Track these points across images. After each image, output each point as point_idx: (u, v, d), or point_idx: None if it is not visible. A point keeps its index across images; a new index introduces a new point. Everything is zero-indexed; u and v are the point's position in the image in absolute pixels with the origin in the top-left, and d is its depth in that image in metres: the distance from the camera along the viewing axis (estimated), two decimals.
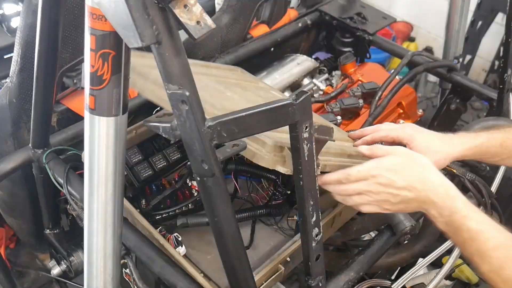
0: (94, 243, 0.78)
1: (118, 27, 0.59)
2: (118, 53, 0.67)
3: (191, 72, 0.62)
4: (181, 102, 0.60)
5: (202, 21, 0.61)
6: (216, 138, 0.62)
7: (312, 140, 0.70)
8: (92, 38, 0.65)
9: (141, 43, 0.58)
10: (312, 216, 0.75)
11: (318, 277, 0.81)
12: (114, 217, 0.77)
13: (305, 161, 0.70)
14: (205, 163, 0.63)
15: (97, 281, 0.80)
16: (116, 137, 0.72)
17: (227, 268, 0.76)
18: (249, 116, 0.64)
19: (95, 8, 0.62)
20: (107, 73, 0.67)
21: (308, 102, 0.67)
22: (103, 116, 0.69)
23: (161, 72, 0.61)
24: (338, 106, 1.35)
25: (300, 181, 0.72)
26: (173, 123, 0.66)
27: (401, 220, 0.94)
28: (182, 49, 0.61)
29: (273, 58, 1.61)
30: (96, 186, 0.74)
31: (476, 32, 2.52)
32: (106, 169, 0.73)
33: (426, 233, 1.12)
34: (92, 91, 0.68)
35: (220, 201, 0.68)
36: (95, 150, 0.72)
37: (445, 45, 1.70)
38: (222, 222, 0.70)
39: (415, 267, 1.02)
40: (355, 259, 0.95)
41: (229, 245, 0.72)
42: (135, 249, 0.97)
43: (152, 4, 0.58)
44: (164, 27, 0.59)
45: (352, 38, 1.67)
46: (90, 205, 0.76)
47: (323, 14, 1.69)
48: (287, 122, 0.67)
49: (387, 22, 1.69)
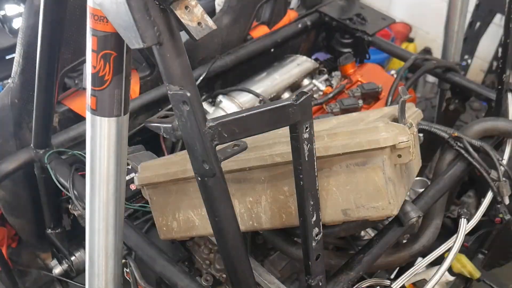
0: (96, 242, 0.78)
1: (119, 28, 0.60)
2: (120, 54, 0.67)
3: (192, 73, 0.63)
4: (182, 102, 0.61)
5: (203, 22, 0.61)
6: (217, 138, 0.63)
7: (313, 140, 0.70)
8: (94, 39, 0.65)
9: (143, 44, 0.58)
10: (312, 216, 0.75)
11: (318, 277, 0.82)
12: (116, 216, 0.77)
13: (305, 161, 0.70)
14: (206, 163, 0.64)
15: (98, 280, 0.81)
16: (117, 137, 0.72)
17: (228, 267, 0.77)
18: (249, 116, 0.64)
19: (96, 9, 0.62)
20: (109, 73, 0.68)
21: (309, 102, 0.67)
22: (105, 117, 0.70)
23: (162, 73, 0.62)
24: (337, 107, 1.36)
25: (300, 181, 0.72)
26: (174, 124, 0.66)
27: (408, 211, 0.94)
28: (183, 50, 0.62)
29: (273, 59, 1.61)
30: (97, 186, 0.75)
31: (475, 33, 2.52)
32: (107, 169, 0.74)
33: (425, 233, 1.12)
34: (94, 92, 0.69)
35: (221, 201, 0.68)
36: (97, 150, 0.72)
37: (444, 46, 1.70)
38: (223, 222, 0.70)
39: (414, 266, 1.02)
40: (355, 258, 0.95)
41: (229, 245, 0.73)
42: (136, 248, 0.97)
43: (154, 5, 0.58)
44: (166, 28, 0.59)
45: (352, 39, 1.68)
46: (91, 205, 0.76)
47: (323, 15, 1.69)
48: (287, 122, 0.67)
49: (386, 23, 1.69)
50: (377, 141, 0.79)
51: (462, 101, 1.55)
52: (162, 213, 0.99)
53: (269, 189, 0.88)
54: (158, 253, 0.96)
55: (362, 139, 0.80)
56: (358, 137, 0.81)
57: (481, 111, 1.79)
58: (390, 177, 0.82)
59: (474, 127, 1.26)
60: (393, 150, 0.82)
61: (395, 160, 0.83)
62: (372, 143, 0.79)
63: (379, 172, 0.81)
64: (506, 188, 1.16)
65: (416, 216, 0.94)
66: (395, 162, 0.83)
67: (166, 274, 0.94)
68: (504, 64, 1.29)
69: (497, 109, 1.37)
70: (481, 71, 2.89)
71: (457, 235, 1.04)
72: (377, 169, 0.81)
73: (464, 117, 1.73)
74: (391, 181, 0.82)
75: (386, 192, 0.81)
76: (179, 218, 0.97)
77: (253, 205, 0.90)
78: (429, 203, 1.09)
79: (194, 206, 0.94)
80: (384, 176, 0.81)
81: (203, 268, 1.18)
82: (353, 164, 0.82)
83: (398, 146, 0.81)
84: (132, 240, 0.98)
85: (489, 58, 2.80)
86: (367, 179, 0.82)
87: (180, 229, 0.97)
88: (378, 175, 0.81)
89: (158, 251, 0.97)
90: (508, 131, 1.26)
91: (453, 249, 1.02)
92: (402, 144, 0.81)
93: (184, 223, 0.97)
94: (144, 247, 0.96)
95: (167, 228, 0.99)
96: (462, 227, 1.05)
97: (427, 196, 1.09)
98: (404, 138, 0.81)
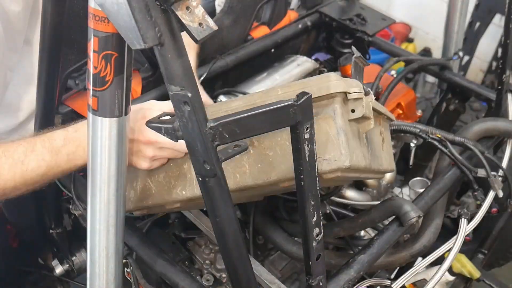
0: (97, 242, 0.78)
1: (120, 29, 0.60)
2: (121, 54, 0.67)
3: (193, 74, 0.63)
4: (183, 103, 0.61)
5: (204, 23, 0.61)
6: (218, 139, 0.63)
7: (313, 140, 0.71)
8: (95, 40, 0.66)
9: (144, 44, 0.58)
10: (313, 216, 0.75)
11: (318, 277, 0.82)
12: (117, 217, 0.77)
13: (306, 161, 0.70)
14: (207, 164, 0.64)
15: (99, 280, 0.81)
16: (118, 137, 0.72)
17: (228, 267, 0.77)
18: (250, 117, 0.65)
19: (97, 10, 0.63)
20: (110, 74, 0.68)
21: (309, 103, 0.67)
22: (106, 117, 0.70)
23: (163, 74, 0.62)
24: None
25: (301, 181, 0.72)
26: (175, 124, 0.66)
27: (408, 211, 0.94)
28: (184, 51, 0.62)
29: (273, 59, 1.61)
30: (98, 186, 0.75)
31: (474, 33, 2.53)
32: (108, 169, 0.74)
33: (426, 233, 1.12)
34: (95, 92, 0.69)
35: (221, 201, 0.68)
36: (98, 151, 0.73)
37: (444, 45, 1.71)
38: (224, 222, 0.70)
39: (415, 266, 1.02)
40: (355, 258, 0.95)
41: (230, 246, 0.73)
42: (137, 248, 0.98)
43: (155, 6, 0.58)
44: (167, 28, 0.59)
45: (352, 39, 1.68)
46: (92, 205, 0.76)
47: (323, 15, 1.70)
48: (288, 123, 0.67)
49: (386, 24, 1.70)
50: (328, 87, 0.78)
51: (462, 101, 1.55)
52: None
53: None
54: (158, 253, 0.96)
55: (314, 86, 0.79)
56: (309, 86, 0.79)
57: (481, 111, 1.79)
58: (342, 127, 0.79)
59: (474, 127, 1.26)
60: (345, 102, 0.81)
61: (348, 114, 0.81)
62: (323, 90, 0.78)
63: (331, 121, 0.79)
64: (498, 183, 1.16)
65: (416, 216, 0.95)
66: (348, 117, 0.81)
67: (166, 274, 0.94)
68: (504, 64, 1.29)
69: (497, 110, 1.37)
70: (481, 71, 2.90)
71: (457, 236, 1.05)
72: (328, 118, 0.79)
73: (464, 118, 1.73)
74: (343, 131, 0.79)
75: (338, 141, 0.79)
76: (136, 187, 0.95)
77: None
78: (429, 203, 1.09)
79: (151, 173, 0.93)
80: (335, 125, 0.79)
81: (203, 268, 1.18)
82: None
83: (350, 96, 0.80)
84: (133, 240, 0.98)
85: (489, 58, 2.80)
86: (319, 130, 0.79)
87: (137, 198, 0.95)
88: (330, 125, 0.79)
89: (159, 251, 0.97)
90: (508, 131, 1.27)
91: (453, 249, 1.03)
92: (354, 95, 0.80)
93: (141, 191, 0.94)
94: (145, 247, 0.96)
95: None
96: (462, 227, 1.06)
97: (427, 196, 1.10)
98: (356, 89, 0.80)
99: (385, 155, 1.01)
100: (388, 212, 0.99)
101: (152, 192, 0.93)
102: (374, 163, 0.92)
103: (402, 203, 0.96)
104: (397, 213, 0.98)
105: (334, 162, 0.80)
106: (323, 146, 0.80)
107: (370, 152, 0.91)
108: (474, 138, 1.25)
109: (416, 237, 1.12)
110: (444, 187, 1.13)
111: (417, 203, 1.07)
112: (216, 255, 1.18)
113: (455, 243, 1.03)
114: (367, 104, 0.82)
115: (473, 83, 1.48)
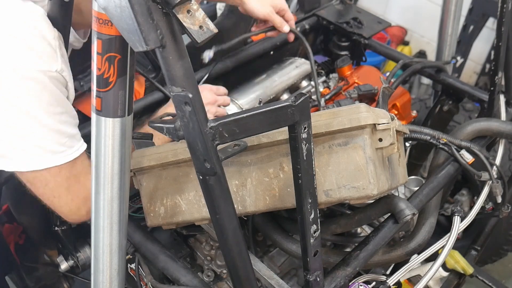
0: (101, 239, 0.80)
1: (123, 32, 0.61)
2: (124, 56, 0.69)
3: (194, 75, 0.65)
4: (184, 103, 0.62)
5: (204, 25, 0.63)
6: (218, 138, 0.64)
7: (311, 140, 0.72)
8: (99, 42, 0.67)
9: (146, 47, 0.60)
10: (310, 213, 0.77)
11: (316, 272, 0.83)
12: (120, 214, 0.79)
13: (304, 160, 0.72)
14: (208, 162, 0.65)
15: (103, 276, 0.82)
16: (121, 137, 0.74)
17: (228, 263, 0.78)
18: (250, 117, 0.66)
19: (101, 13, 0.64)
20: (113, 75, 0.69)
21: (307, 103, 0.69)
22: (109, 117, 0.72)
23: (165, 75, 0.63)
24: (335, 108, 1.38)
25: (299, 179, 0.74)
26: (176, 124, 0.68)
27: (403, 208, 0.96)
28: (185, 53, 0.63)
29: (272, 61, 1.63)
30: (102, 185, 0.76)
31: (468, 36, 2.55)
32: (112, 168, 0.75)
33: (420, 231, 1.14)
34: (99, 93, 0.71)
35: (221, 199, 0.70)
36: (102, 150, 0.74)
37: (438, 48, 1.73)
38: (224, 219, 0.72)
39: (409, 262, 1.04)
40: (351, 254, 0.97)
41: (230, 242, 0.74)
42: (140, 245, 0.99)
43: (157, 9, 0.60)
44: (168, 31, 0.61)
45: (349, 42, 1.70)
46: (96, 203, 0.78)
47: (321, 19, 1.72)
48: (286, 123, 0.69)
49: (382, 27, 1.72)
50: (358, 119, 0.81)
51: (455, 102, 1.57)
52: (151, 199, 0.99)
53: (254, 171, 0.89)
54: (161, 249, 0.98)
55: (344, 117, 0.82)
56: (340, 116, 0.82)
57: (474, 112, 1.81)
58: (371, 157, 0.83)
59: (468, 127, 1.29)
60: (374, 132, 0.84)
61: (376, 143, 0.84)
62: (353, 121, 0.81)
63: (360, 151, 0.82)
64: (499, 189, 1.18)
65: (411, 213, 0.96)
66: (376, 145, 0.84)
67: (168, 270, 0.96)
68: (496, 66, 1.32)
69: (489, 110, 1.39)
70: (475, 73, 2.92)
71: (450, 233, 1.07)
72: (358, 148, 0.82)
73: (457, 118, 1.76)
74: (371, 160, 0.83)
75: (367, 171, 0.83)
76: (167, 204, 0.97)
77: (239, 188, 0.90)
78: (424, 201, 1.11)
79: (182, 191, 0.95)
80: (364, 155, 0.82)
81: (204, 264, 1.20)
82: (335, 145, 0.84)
83: (379, 127, 0.83)
84: (136, 237, 0.99)
85: (482, 61, 2.83)
86: (349, 158, 0.83)
87: (167, 215, 0.98)
88: (359, 154, 0.82)
89: (161, 247, 0.99)
90: (501, 131, 1.29)
91: (447, 246, 1.05)
92: (382, 126, 0.83)
93: (171, 208, 0.97)
94: (148, 243, 0.98)
95: (154, 214, 0.99)
96: (456, 225, 1.08)
97: (422, 194, 1.12)
98: (384, 120, 0.83)
99: (401, 170, 1.04)
100: (383, 209, 1.01)
101: (182, 209, 0.96)
102: (393, 182, 0.96)
103: (397, 201, 0.98)
104: (392, 210, 0.99)
105: (362, 190, 0.84)
106: (352, 174, 0.84)
107: (390, 172, 0.95)
108: (467, 138, 1.27)
109: (411, 235, 1.13)
110: (438, 186, 1.15)
111: (412, 201, 1.08)
112: (216, 251, 1.20)
113: (448, 240, 1.05)
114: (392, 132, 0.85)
115: (467, 84, 1.51)
